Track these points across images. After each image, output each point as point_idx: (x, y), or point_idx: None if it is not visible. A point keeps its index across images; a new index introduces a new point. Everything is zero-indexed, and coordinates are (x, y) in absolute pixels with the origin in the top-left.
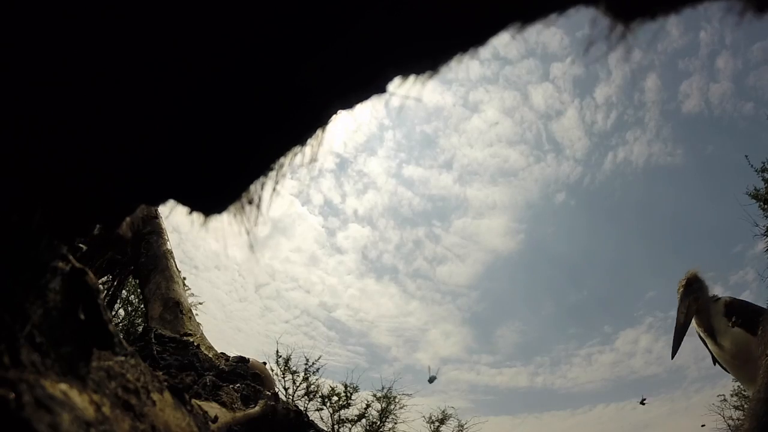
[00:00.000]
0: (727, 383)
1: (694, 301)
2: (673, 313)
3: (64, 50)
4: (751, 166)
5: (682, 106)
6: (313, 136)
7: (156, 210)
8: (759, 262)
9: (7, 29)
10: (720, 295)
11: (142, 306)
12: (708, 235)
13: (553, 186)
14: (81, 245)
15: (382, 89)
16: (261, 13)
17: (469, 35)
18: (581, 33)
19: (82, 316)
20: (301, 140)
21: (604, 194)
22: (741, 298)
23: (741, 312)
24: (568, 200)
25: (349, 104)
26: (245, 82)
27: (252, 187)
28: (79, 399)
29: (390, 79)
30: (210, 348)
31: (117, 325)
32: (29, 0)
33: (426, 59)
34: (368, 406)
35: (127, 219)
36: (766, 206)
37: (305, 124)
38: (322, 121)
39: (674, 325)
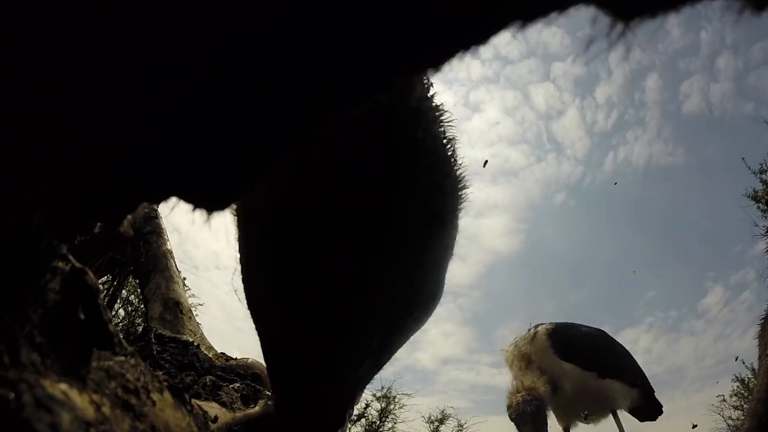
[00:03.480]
0: (727, 383)
1: (543, 424)
2: (674, 313)
3: (64, 50)
4: (749, 168)
5: (683, 106)
6: (314, 135)
7: (156, 210)
8: (759, 262)
9: (7, 29)
10: (537, 325)
11: (142, 306)
12: (708, 235)
13: (553, 186)
14: (79, 242)
15: (383, 89)
16: (259, 13)
17: (470, 33)
18: (582, 33)
19: (82, 316)
20: (302, 139)
21: (604, 194)
22: (740, 298)
23: (568, 342)
24: (568, 200)
25: (348, 105)
26: (245, 80)
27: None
28: (79, 399)
29: (390, 78)
30: (210, 348)
31: (117, 325)
32: (29, 0)
33: (426, 58)
34: (367, 405)
35: (129, 217)
36: (765, 207)
37: (304, 123)
38: (321, 120)
39: None
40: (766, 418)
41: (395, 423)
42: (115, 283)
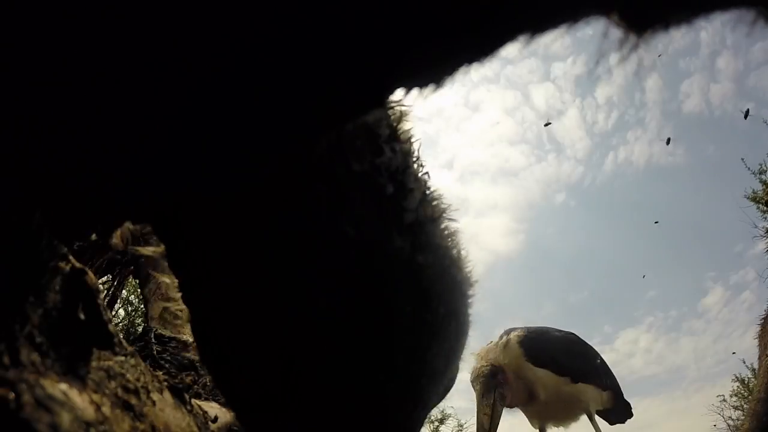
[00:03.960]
0: (727, 383)
1: (501, 397)
2: (674, 313)
3: (64, 50)
4: (748, 168)
5: (683, 106)
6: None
7: None
8: (759, 262)
9: (7, 29)
10: (508, 330)
11: (142, 306)
12: (708, 235)
13: (554, 186)
14: (79, 244)
15: (379, 103)
16: (259, 16)
17: (477, 49)
18: (582, 33)
19: (82, 316)
20: (297, 154)
21: (604, 194)
22: (740, 298)
23: (540, 349)
24: (568, 200)
25: (342, 120)
26: (242, 83)
27: None
28: (79, 399)
29: (388, 92)
30: None
31: (117, 325)
32: (29, 0)
33: (430, 72)
34: None
35: (118, 232)
36: (765, 208)
37: (295, 139)
38: (312, 135)
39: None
40: (766, 418)
41: None
42: (115, 283)
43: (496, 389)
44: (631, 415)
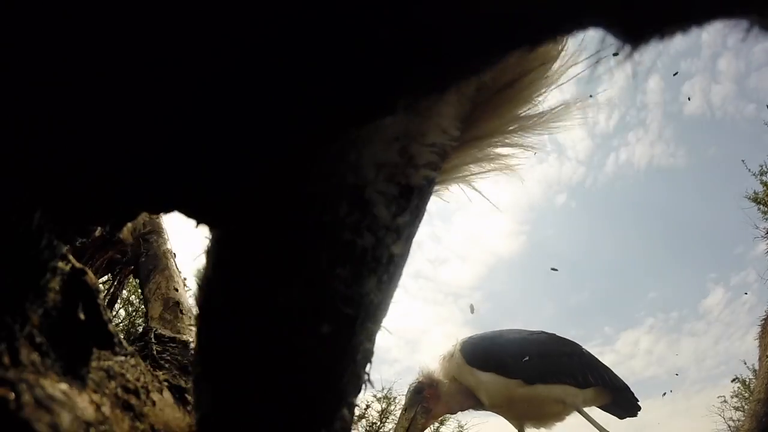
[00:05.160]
0: (727, 384)
1: (424, 411)
2: (675, 314)
3: (63, 50)
4: (749, 170)
5: (684, 107)
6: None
7: None
8: (760, 263)
9: (7, 29)
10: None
11: (142, 306)
12: (709, 236)
13: (555, 187)
14: (80, 242)
15: (390, 110)
16: (266, 21)
17: (480, 60)
18: (582, 34)
19: (82, 316)
20: (301, 152)
21: (605, 195)
22: (741, 299)
23: (483, 353)
24: (569, 201)
25: (351, 123)
26: (246, 82)
27: None
28: (79, 399)
29: (396, 99)
30: None
31: (117, 325)
32: (29, 0)
33: (434, 83)
34: (368, 407)
35: (129, 225)
36: (766, 209)
37: (306, 138)
38: (317, 142)
39: None
40: (766, 419)
41: (396, 424)
42: (115, 282)
43: (420, 404)
44: (638, 407)
